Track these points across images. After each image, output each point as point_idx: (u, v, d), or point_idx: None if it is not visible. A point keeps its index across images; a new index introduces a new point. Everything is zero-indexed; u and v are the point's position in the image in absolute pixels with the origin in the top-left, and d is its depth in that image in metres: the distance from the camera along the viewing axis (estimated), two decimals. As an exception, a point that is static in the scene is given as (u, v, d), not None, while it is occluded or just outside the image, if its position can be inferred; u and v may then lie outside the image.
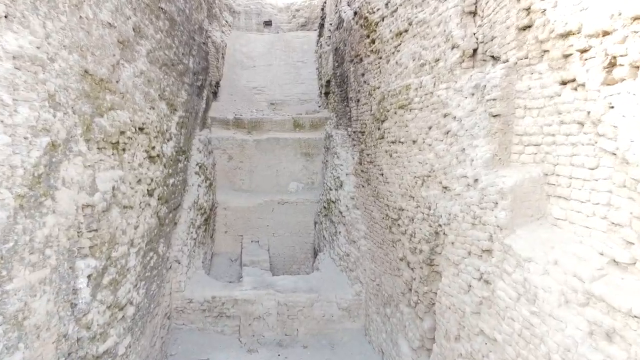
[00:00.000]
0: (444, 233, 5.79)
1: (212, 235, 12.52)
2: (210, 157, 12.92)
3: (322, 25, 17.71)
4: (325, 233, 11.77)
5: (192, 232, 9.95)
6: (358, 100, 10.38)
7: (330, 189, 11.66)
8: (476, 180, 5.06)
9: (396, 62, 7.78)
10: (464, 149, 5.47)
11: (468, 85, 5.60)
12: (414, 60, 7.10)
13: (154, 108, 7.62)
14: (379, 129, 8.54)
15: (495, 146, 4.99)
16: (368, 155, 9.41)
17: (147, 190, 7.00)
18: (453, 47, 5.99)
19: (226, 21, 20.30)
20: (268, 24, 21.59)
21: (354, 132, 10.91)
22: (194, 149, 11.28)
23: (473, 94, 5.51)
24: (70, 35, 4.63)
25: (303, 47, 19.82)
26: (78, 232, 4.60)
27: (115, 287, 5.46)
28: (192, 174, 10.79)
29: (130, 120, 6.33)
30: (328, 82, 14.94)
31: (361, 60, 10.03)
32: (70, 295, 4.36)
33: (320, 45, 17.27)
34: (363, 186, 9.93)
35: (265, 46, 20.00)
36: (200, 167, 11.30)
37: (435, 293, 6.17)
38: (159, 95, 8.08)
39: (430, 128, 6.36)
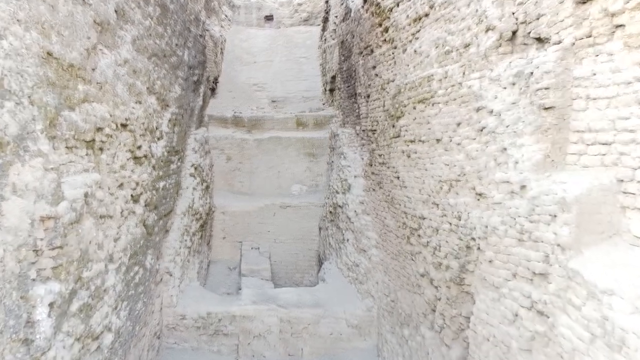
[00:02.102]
0: (478, 248, 4.90)
1: (209, 242, 11.64)
2: (207, 157, 12.04)
3: (326, 19, 16.81)
4: (332, 240, 10.89)
5: (186, 240, 9.07)
6: (368, 96, 9.50)
7: (337, 192, 10.77)
8: (523, 186, 4.17)
9: (415, 51, 6.89)
10: (504, 148, 4.58)
11: (507, 74, 4.72)
12: (437, 47, 6.21)
13: (140, 102, 6.74)
14: (393, 126, 7.65)
15: (547, 145, 4.11)
16: (380, 155, 8.52)
17: (132, 195, 6.12)
18: (487, 30, 5.10)
19: (225, 15, 19.43)
20: (269, 18, 20.71)
21: (363, 130, 10.03)
22: (189, 148, 10.40)
23: (514, 84, 4.63)
24: (27, 7, 3.74)
25: (306, 43, 18.93)
26: (35, 250, 3.72)
27: (87, 313, 4.58)
28: (187, 176, 9.91)
29: (110, 115, 5.45)
30: (333, 77, 14.06)
31: (372, 51, 9.14)
32: (21, 332, 3.47)
33: (325, 39, 16.39)
34: (374, 190, 9.05)
35: (266, 41, 19.12)
36: (195, 168, 10.42)
37: (466, 317, 5.28)
38: (147, 88, 7.20)
39: (458, 124, 5.48)
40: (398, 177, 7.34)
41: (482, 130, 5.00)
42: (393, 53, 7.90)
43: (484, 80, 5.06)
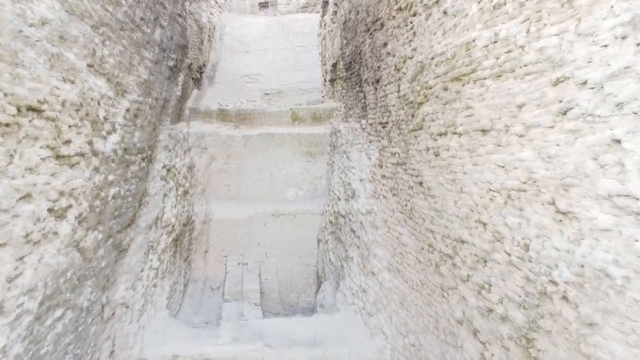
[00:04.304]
0: (563, 297, 3.12)
1: (187, 258, 9.86)
2: (186, 157, 10.27)
3: (326, 2, 15.06)
4: (332, 256, 9.12)
5: (151, 260, 7.30)
6: (377, 81, 7.73)
7: (339, 199, 9.00)
8: (668, 205, 2.41)
9: (444, 13, 5.12)
10: (616, 140, 2.81)
11: (610, 23, 2.95)
12: (479, 1, 4.44)
13: (73, 82, 4.97)
14: (413, 116, 5.88)
15: None
16: (393, 154, 6.75)
17: (50, 210, 4.35)
18: (572, -41, 3.34)
19: (215, 1, 17.69)
20: (264, 5, 19.02)
21: (371, 124, 8.26)
22: (160, 146, 8.63)
23: (624, 37, 2.86)
24: None
25: (304, 31, 17.20)
26: None
27: None
28: (156, 179, 8.14)
29: (5, 94, 3.69)
30: (334, 65, 12.29)
31: (382, 25, 7.38)
32: None
33: (324, 24, 14.63)
34: (385, 197, 7.27)
35: (260, 30, 17.38)
36: (168, 170, 8.65)
37: (537, 399, 3.50)
38: (88, 65, 5.43)
39: (521, 107, 3.70)
40: (421, 183, 5.57)
41: (565, 114, 3.23)
42: (412, 22, 6.13)
43: (567, 37, 3.28)
